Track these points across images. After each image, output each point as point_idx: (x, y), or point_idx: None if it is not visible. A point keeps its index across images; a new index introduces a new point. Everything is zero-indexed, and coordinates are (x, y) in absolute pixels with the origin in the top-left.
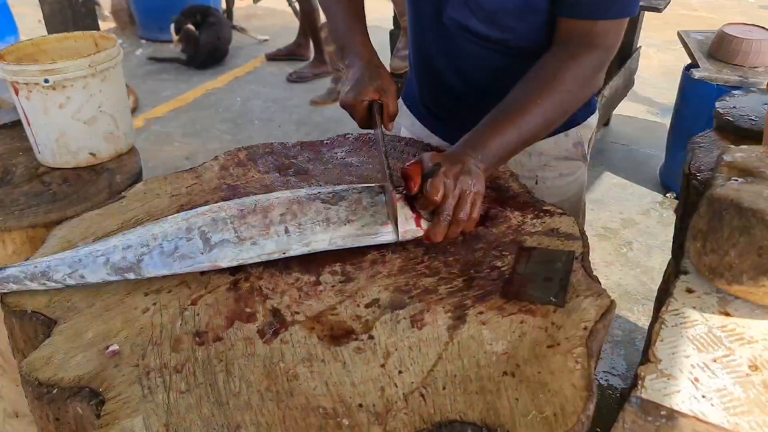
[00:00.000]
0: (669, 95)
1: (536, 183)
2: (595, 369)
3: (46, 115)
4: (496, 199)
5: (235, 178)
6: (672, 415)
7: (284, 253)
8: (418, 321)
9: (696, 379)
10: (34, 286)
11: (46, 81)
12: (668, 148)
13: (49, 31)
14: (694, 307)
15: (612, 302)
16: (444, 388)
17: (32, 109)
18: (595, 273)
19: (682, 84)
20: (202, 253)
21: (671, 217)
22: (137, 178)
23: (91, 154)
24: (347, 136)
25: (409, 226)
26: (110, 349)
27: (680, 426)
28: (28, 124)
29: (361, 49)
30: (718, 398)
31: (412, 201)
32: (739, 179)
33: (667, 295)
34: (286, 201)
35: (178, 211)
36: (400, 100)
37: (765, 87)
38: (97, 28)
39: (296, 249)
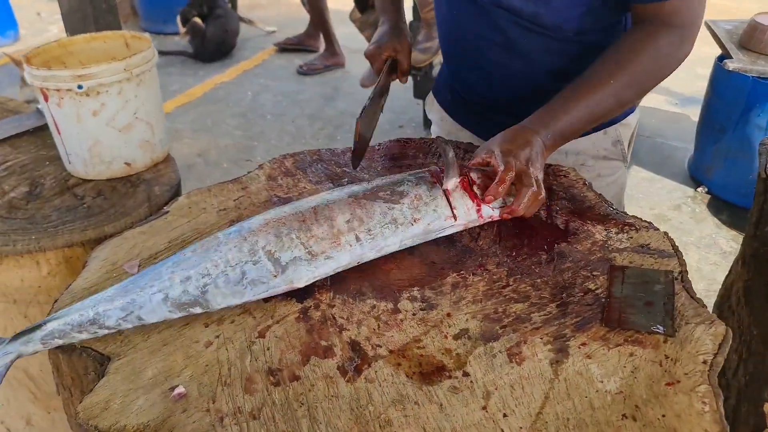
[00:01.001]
0: (686, 84)
1: None
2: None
3: (78, 122)
4: (574, 212)
5: (285, 190)
6: None
7: (359, 262)
8: (516, 355)
9: None
10: (84, 337)
11: (80, 87)
12: (698, 141)
13: (68, 30)
14: None
15: (728, 330)
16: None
17: (63, 117)
18: None
19: (713, 75)
20: (276, 276)
21: (704, 213)
22: (177, 188)
23: (126, 163)
24: (399, 141)
25: (471, 216)
26: (176, 391)
27: None
28: (59, 133)
29: (392, 14)
30: None
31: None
32: None
33: None
34: (346, 204)
35: (229, 227)
36: (431, 95)
37: None
38: (119, 27)
39: (369, 255)
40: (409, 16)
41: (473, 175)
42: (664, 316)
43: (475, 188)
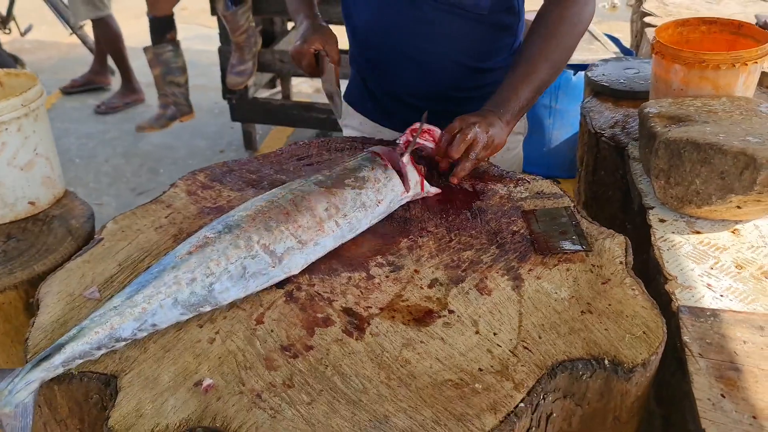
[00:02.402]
0: None
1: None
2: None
3: None
4: (475, 176)
5: (211, 201)
6: (714, 313)
7: (340, 244)
8: (484, 288)
9: (708, 285)
10: (102, 353)
11: None
12: None
13: None
14: (673, 232)
15: (626, 238)
16: (540, 337)
17: None
18: None
19: None
20: (274, 267)
21: None
22: (93, 218)
23: (30, 203)
24: (299, 143)
25: (417, 188)
26: (205, 384)
27: (725, 318)
28: None
29: (308, 12)
30: (731, 294)
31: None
32: (675, 125)
33: (646, 227)
34: (321, 194)
35: (175, 242)
36: (345, 104)
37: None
38: None
39: (348, 237)
40: (216, 42)
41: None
42: (578, 238)
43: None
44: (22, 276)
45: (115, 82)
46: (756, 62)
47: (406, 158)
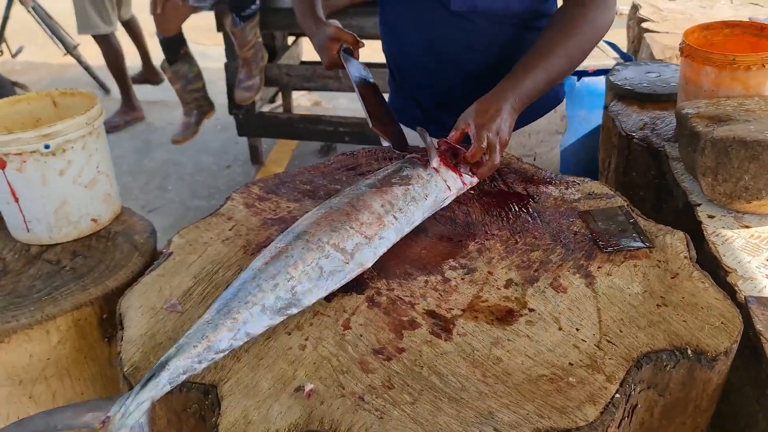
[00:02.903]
0: None
1: (534, 159)
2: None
3: (44, 185)
4: (525, 180)
5: (272, 212)
6: None
7: (399, 237)
8: (559, 287)
9: (767, 276)
10: (203, 366)
11: (47, 147)
12: None
13: None
14: (723, 227)
15: (685, 234)
16: (621, 331)
17: (25, 182)
18: None
19: None
20: (347, 263)
21: None
22: (154, 232)
23: (93, 220)
24: (344, 154)
25: (458, 184)
26: (307, 389)
27: None
28: (16, 201)
29: (316, 19)
30: None
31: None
32: (717, 124)
33: (684, 224)
34: (374, 194)
35: (244, 253)
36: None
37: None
38: None
39: (406, 230)
40: (212, 59)
41: (449, 152)
42: (639, 236)
43: (458, 164)
44: (97, 292)
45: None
46: None
47: (435, 162)
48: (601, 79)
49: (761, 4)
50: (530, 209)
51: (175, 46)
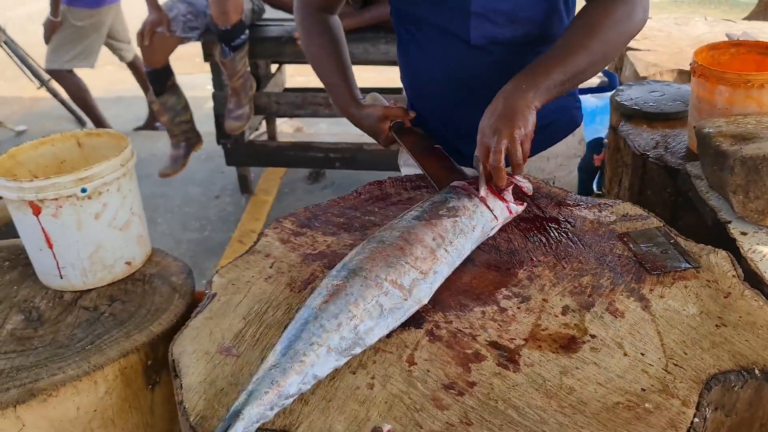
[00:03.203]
0: None
1: (553, 183)
2: None
3: (79, 229)
4: (557, 205)
5: (311, 247)
6: None
7: (451, 270)
8: (616, 311)
9: None
10: (275, 412)
11: (83, 191)
12: None
13: None
14: (758, 243)
15: (728, 253)
16: (686, 353)
17: (60, 227)
18: None
19: None
20: (406, 299)
21: None
22: (191, 274)
23: (127, 263)
24: (371, 184)
25: (505, 213)
26: (385, 429)
27: None
28: (50, 246)
29: (357, 104)
30: None
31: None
32: (742, 143)
33: (729, 241)
34: (424, 227)
35: (291, 291)
36: (407, 156)
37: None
38: None
39: (457, 263)
40: (194, 88)
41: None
42: (682, 256)
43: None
44: (142, 338)
45: None
46: None
47: (483, 191)
48: (588, 97)
49: (734, 20)
50: (570, 234)
51: (163, 78)
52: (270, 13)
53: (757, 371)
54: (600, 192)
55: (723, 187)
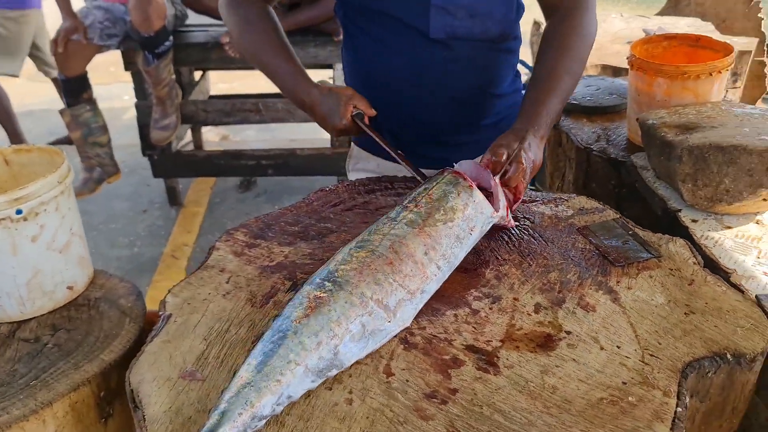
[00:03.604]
0: None
1: None
2: None
3: (14, 254)
4: (515, 202)
5: (268, 259)
6: None
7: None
8: (586, 306)
9: (765, 273)
10: None
11: (18, 212)
12: None
13: None
14: (709, 230)
15: (685, 240)
16: (660, 343)
17: None
18: None
19: None
20: (389, 321)
21: None
22: (141, 295)
23: (68, 288)
24: (323, 190)
25: (503, 212)
26: None
27: None
28: None
29: (304, 87)
30: None
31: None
32: (688, 132)
33: (681, 229)
34: (416, 236)
35: (252, 306)
36: (357, 149)
37: None
38: None
39: (447, 275)
40: (112, 98)
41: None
42: (643, 246)
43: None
44: (92, 369)
45: None
46: (727, 70)
47: (497, 178)
48: None
49: (648, 16)
50: (530, 230)
51: (78, 88)
52: (193, 18)
53: (729, 356)
54: (534, 188)
55: (671, 176)
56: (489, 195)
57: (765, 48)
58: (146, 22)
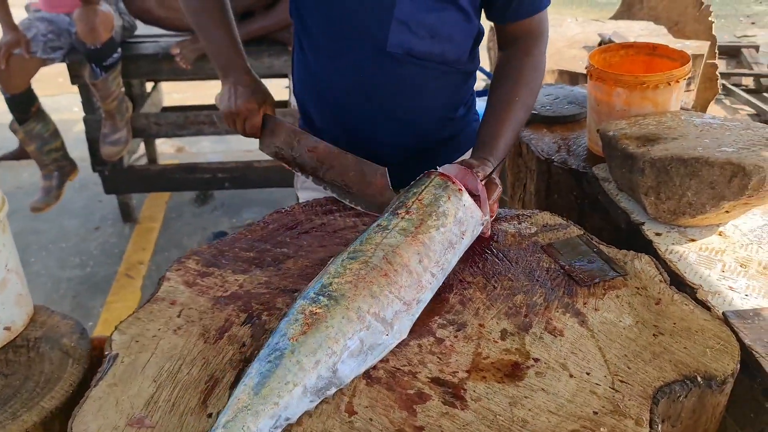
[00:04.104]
0: None
1: None
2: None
3: None
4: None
5: (221, 289)
6: (755, 311)
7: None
8: (554, 330)
9: (731, 288)
10: None
11: None
12: None
13: None
14: (673, 243)
15: (651, 257)
16: (629, 368)
17: None
18: None
19: None
20: (386, 335)
21: None
22: (85, 333)
23: (5, 329)
24: (278, 212)
25: (488, 216)
26: None
27: (765, 314)
28: None
29: (244, 66)
30: (752, 292)
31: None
32: (649, 144)
33: (645, 242)
34: (409, 245)
35: (205, 342)
36: (304, 179)
37: None
38: None
39: (441, 282)
40: (56, 111)
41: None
42: (609, 264)
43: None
44: (32, 418)
45: None
46: (685, 79)
47: (480, 186)
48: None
49: (602, 20)
50: (494, 250)
51: (25, 104)
52: (142, 29)
53: (699, 378)
54: None
55: (633, 189)
56: (474, 199)
57: (716, 51)
58: (93, 34)
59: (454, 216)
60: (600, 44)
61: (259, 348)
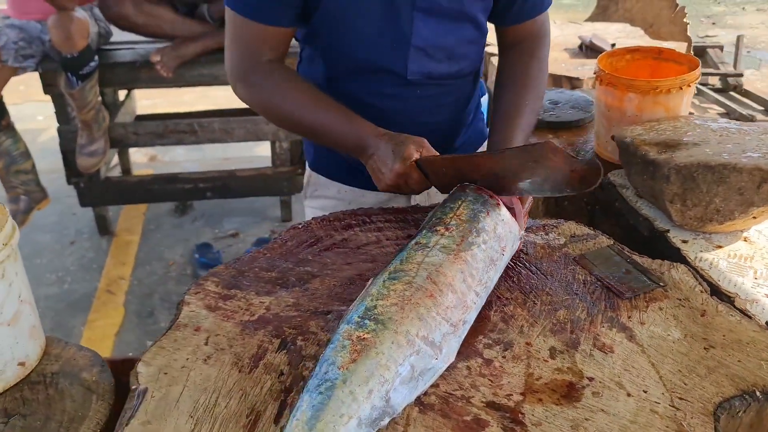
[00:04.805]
0: None
1: None
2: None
3: None
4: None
5: (247, 312)
6: None
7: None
8: (602, 347)
9: (766, 295)
10: None
11: None
12: None
13: None
14: (701, 251)
15: (687, 266)
16: (686, 384)
17: None
18: None
19: None
20: (436, 359)
21: None
22: (105, 366)
23: (20, 364)
24: (295, 228)
25: (523, 230)
26: None
27: None
28: None
29: (368, 130)
30: None
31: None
32: (670, 150)
33: (672, 250)
34: (452, 263)
35: (239, 372)
36: (315, 175)
37: None
38: None
39: (485, 300)
40: (25, 121)
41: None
42: (646, 275)
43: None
44: None
45: None
46: (695, 83)
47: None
48: None
49: (579, 22)
50: (525, 262)
51: None
52: (118, 35)
53: (758, 393)
54: None
55: (656, 196)
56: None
57: (691, 52)
58: (68, 42)
59: (494, 231)
60: (581, 47)
61: (301, 378)
